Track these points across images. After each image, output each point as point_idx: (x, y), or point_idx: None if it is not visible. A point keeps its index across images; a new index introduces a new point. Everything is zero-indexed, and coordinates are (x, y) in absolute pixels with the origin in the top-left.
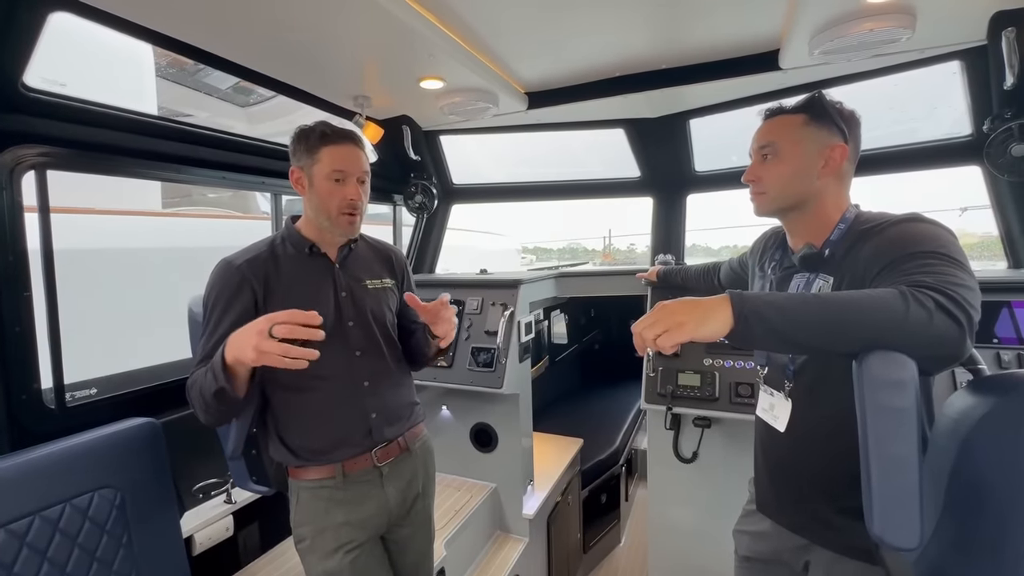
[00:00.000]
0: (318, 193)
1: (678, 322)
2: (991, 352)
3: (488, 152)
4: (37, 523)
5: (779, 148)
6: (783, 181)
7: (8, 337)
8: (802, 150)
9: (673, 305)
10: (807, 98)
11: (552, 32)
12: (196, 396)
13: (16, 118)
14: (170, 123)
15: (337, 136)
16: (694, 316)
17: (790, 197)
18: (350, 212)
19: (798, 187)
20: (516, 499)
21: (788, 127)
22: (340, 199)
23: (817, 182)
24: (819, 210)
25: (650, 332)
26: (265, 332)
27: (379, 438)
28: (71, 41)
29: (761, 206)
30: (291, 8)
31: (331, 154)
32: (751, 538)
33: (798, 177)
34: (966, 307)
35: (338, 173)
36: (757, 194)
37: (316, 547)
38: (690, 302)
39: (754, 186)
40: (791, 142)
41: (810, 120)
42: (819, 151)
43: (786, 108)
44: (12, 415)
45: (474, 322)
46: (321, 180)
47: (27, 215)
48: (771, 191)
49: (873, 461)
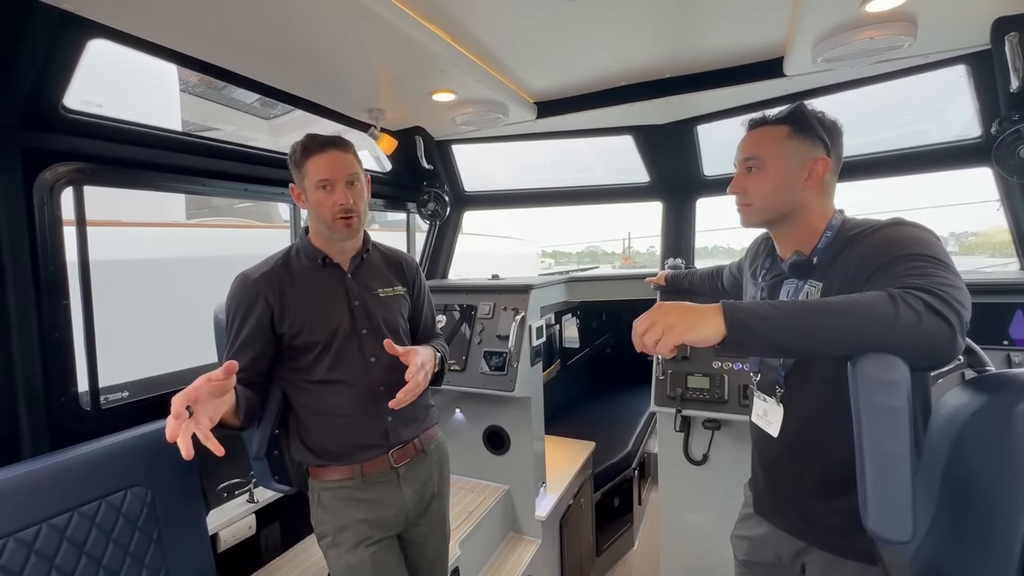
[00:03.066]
0: (312, 204)
1: (670, 323)
2: (1002, 354)
3: (499, 159)
4: (76, 519)
5: (763, 161)
6: (766, 193)
7: (48, 343)
8: (785, 163)
9: (668, 306)
10: (790, 110)
11: (559, 44)
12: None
13: (57, 138)
14: (196, 139)
15: (317, 145)
16: (686, 320)
17: (775, 209)
18: (344, 216)
19: (782, 199)
20: (529, 501)
21: (771, 140)
22: (331, 205)
23: (801, 194)
24: (804, 220)
25: (650, 337)
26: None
27: (395, 440)
28: (103, 64)
29: (747, 217)
30: (310, 29)
31: (315, 164)
32: (749, 542)
33: (782, 190)
34: (956, 306)
35: (324, 181)
36: (743, 206)
37: (338, 542)
38: (685, 306)
39: (740, 198)
40: (774, 155)
41: (793, 133)
42: (802, 164)
43: (769, 119)
44: (52, 416)
45: (486, 326)
46: (312, 191)
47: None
48: (756, 203)
49: (867, 458)
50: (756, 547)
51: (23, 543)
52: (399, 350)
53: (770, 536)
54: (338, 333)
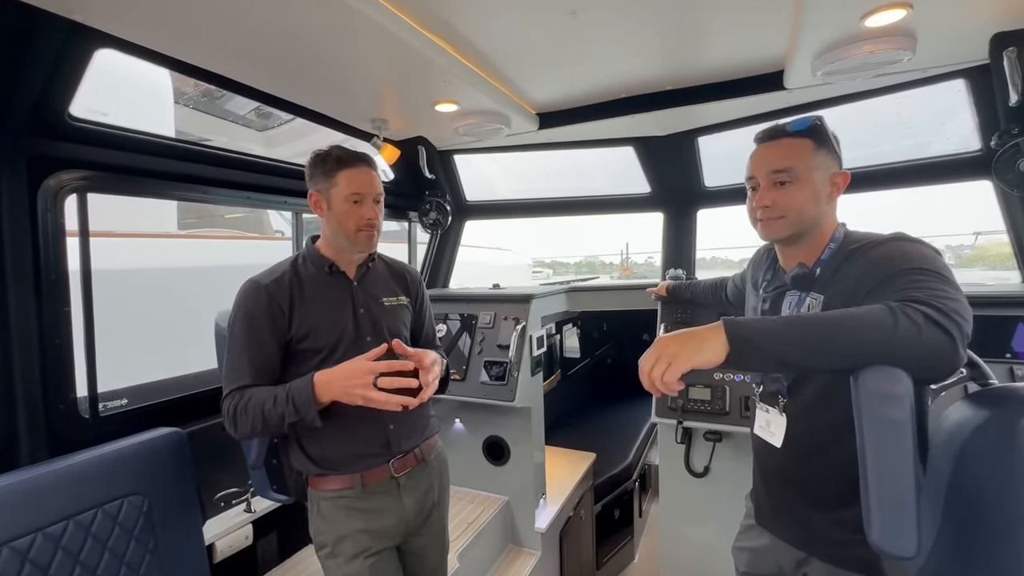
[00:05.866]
0: (337, 214)
1: (672, 354)
2: (1005, 367)
3: (501, 169)
4: (71, 527)
5: (798, 174)
6: (800, 206)
7: (48, 350)
8: (816, 177)
9: (667, 339)
10: (810, 123)
11: (562, 56)
12: (255, 419)
13: (62, 145)
14: (199, 147)
15: (353, 160)
16: (687, 347)
17: (806, 222)
18: (368, 229)
19: (812, 212)
20: (528, 513)
21: (803, 154)
22: (358, 219)
23: (824, 208)
24: (818, 234)
25: (657, 370)
26: (370, 384)
27: (396, 449)
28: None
29: (776, 231)
30: (315, 40)
31: (348, 177)
32: (751, 554)
33: (814, 204)
34: (956, 318)
35: (356, 195)
36: (774, 219)
37: (337, 553)
38: (684, 334)
39: (767, 211)
40: (807, 168)
41: (817, 147)
42: (828, 179)
43: (789, 131)
44: (50, 424)
45: (486, 336)
46: (340, 202)
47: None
48: (790, 215)
49: (871, 471)
50: (757, 558)
51: (17, 552)
52: (409, 350)
53: (771, 547)
54: (342, 340)
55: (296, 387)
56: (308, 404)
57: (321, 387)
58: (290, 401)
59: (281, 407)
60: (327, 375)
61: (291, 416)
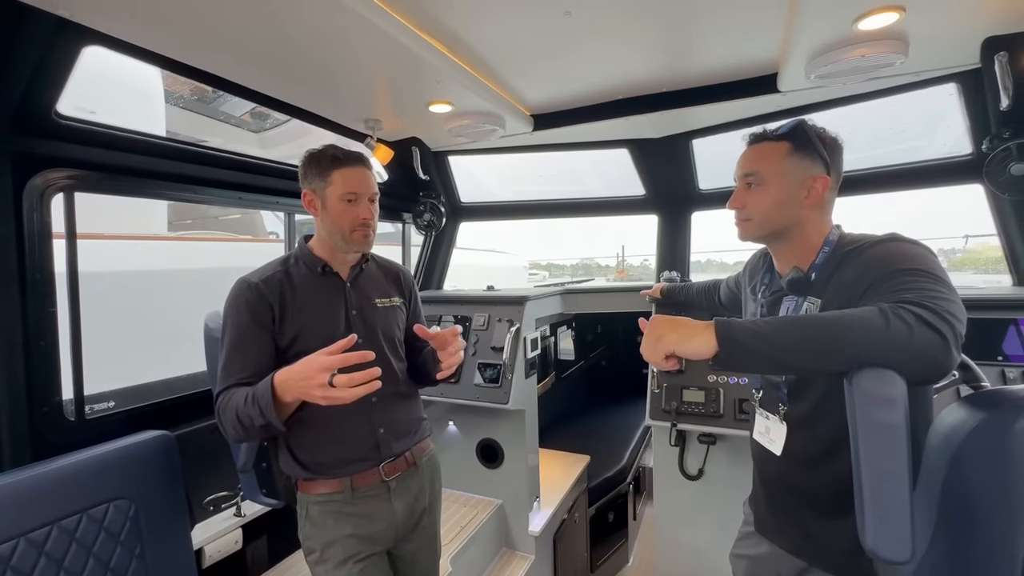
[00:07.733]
0: (332, 214)
1: (659, 335)
2: (996, 370)
3: (495, 171)
4: (55, 533)
5: (763, 177)
6: (765, 209)
7: (33, 351)
8: (785, 181)
9: (661, 319)
10: (791, 126)
11: (556, 58)
12: (232, 420)
13: (49, 144)
14: (191, 146)
15: (348, 159)
16: (678, 333)
17: (772, 225)
18: (364, 228)
19: (780, 216)
20: (522, 516)
21: (772, 157)
22: (353, 218)
23: (801, 212)
24: (801, 237)
25: (643, 346)
26: (326, 383)
27: (387, 453)
28: (93, 70)
29: (745, 232)
30: (308, 39)
31: (343, 176)
32: (749, 562)
33: (781, 207)
34: (948, 318)
35: (351, 195)
36: (742, 220)
37: (326, 558)
38: (678, 320)
39: (739, 212)
40: (774, 172)
41: (794, 150)
42: (802, 182)
43: (769, 135)
44: (35, 427)
45: (480, 338)
46: (335, 201)
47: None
48: (755, 218)
49: (864, 476)
50: (756, 566)
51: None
52: (430, 333)
53: (771, 556)
54: (333, 341)
55: (260, 388)
56: (270, 407)
57: (281, 387)
58: (255, 402)
59: (249, 408)
60: (284, 375)
61: (258, 419)
